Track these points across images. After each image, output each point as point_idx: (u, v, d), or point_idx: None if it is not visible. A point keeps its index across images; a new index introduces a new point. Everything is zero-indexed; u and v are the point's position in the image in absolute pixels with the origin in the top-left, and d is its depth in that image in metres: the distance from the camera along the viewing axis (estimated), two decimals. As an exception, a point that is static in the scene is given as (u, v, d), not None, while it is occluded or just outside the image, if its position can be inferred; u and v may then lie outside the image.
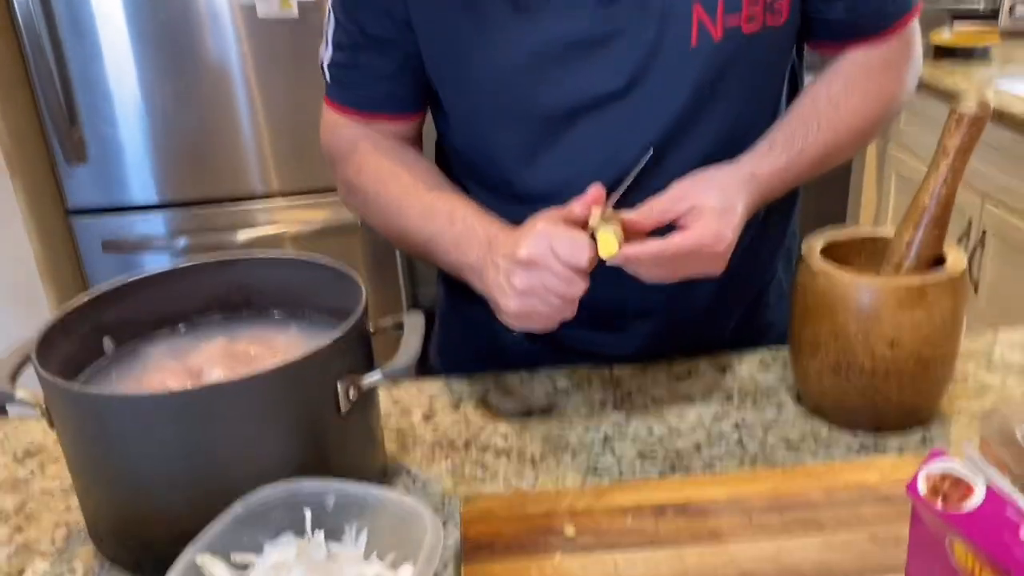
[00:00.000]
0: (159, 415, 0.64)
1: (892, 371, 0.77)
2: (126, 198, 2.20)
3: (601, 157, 0.86)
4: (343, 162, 0.95)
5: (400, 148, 0.94)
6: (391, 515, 0.63)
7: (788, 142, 0.85)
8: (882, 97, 0.90)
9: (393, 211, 0.90)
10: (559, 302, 0.75)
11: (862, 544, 0.63)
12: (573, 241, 0.73)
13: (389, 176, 0.90)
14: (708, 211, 0.76)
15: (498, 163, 0.90)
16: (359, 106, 0.93)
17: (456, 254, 0.85)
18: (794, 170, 0.85)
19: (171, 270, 0.82)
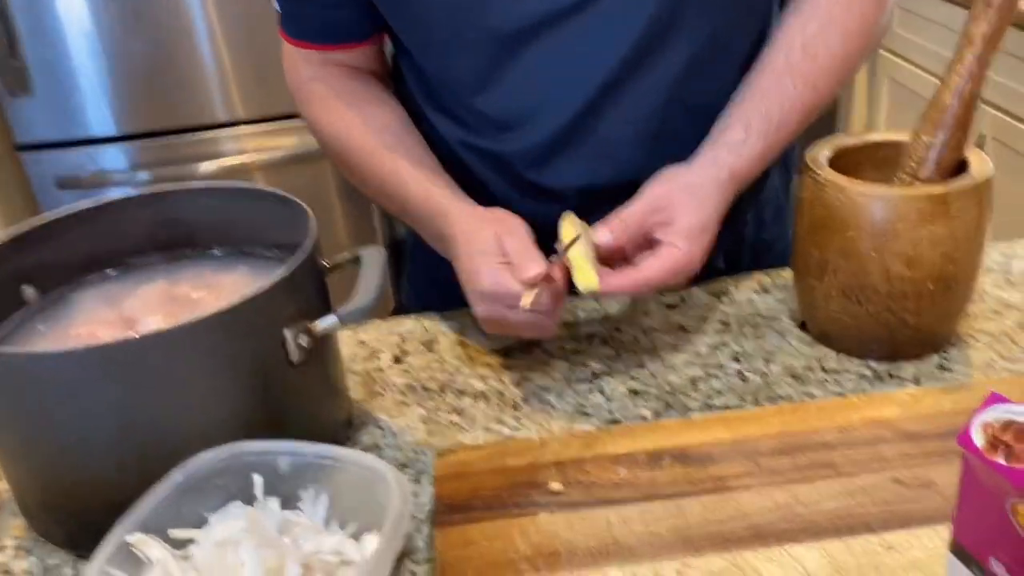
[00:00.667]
0: (84, 373, 0.56)
1: (909, 292, 0.70)
2: (81, 131, 2.08)
3: (560, 81, 0.77)
4: (305, 105, 0.88)
5: (356, 90, 0.86)
6: (353, 477, 0.55)
7: (763, 122, 0.75)
8: (864, 29, 0.79)
9: (355, 177, 0.86)
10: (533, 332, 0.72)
11: (885, 489, 0.56)
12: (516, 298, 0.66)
13: (346, 134, 0.83)
14: (683, 232, 0.69)
15: (453, 89, 0.82)
16: (311, 38, 0.86)
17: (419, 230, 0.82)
18: (774, 149, 0.77)
19: (98, 206, 0.72)
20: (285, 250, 0.72)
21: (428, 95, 0.85)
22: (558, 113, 0.77)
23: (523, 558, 0.53)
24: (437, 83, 0.83)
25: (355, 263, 0.68)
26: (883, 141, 0.78)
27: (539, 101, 0.73)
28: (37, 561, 0.62)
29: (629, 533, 0.54)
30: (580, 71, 0.76)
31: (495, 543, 0.54)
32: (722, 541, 0.53)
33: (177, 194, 0.74)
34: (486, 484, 0.59)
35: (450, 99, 0.82)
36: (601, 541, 0.54)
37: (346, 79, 0.85)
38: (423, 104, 0.85)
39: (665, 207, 0.70)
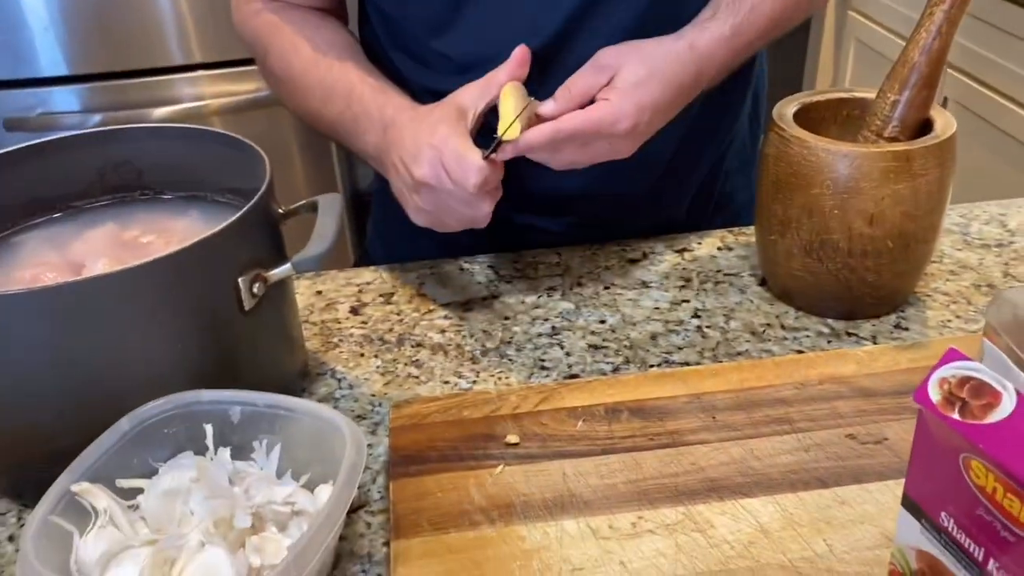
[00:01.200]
0: (25, 317, 0.53)
1: (870, 250, 0.70)
2: (31, 70, 2.00)
3: (520, 22, 0.75)
4: (252, 42, 0.85)
5: (307, 19, 0.82)
6: (306, 428, 0.54)
7: (733, 4, 0.72)
8: None
9: (299, 93, 0.80)
10: (465, 219, 0.68)
11: (838, 444, 0.56)
12: (463, 165, 0.64)
13: (291, 52, 0.80)
14: (619, 86, 0.66)
15: (414, 32, 0.80)
16: None
17: (355, 139, 0.77)
18: (743, 36, 0.73)
19: (43, 143, 0.69)
20: (239, 195, 0.70)
21: (391, 38, 0.82)
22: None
23: (478, 509, 0.53)
24: (399, 26, 0.81)
25: (311, 209, 0.66)
26: (849, 98, 0.77)
27: (498, 43, 0.71)
28: (-20, 510, 0.61)
29: (585, 486, 0.54)
30: (539, 11, 0.74)
31: (450, 494, 0.54)
32: (677, 494, 0.53)
33: (127, 133, 0.71)
34: (442, 436, 0.58)
35: (412, 42, 0.80)
36: (557, 493, 0.54)
37: (295, 11, 0.83)
38: (387, 47, 0.83)
39: (609, 66, 0.68)
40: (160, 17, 1.99)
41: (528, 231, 0.88)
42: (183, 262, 0.55)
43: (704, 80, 0.73)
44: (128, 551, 0.47)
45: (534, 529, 0.51)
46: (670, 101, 0.70)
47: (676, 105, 0.71)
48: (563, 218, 0.87)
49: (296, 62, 0.79)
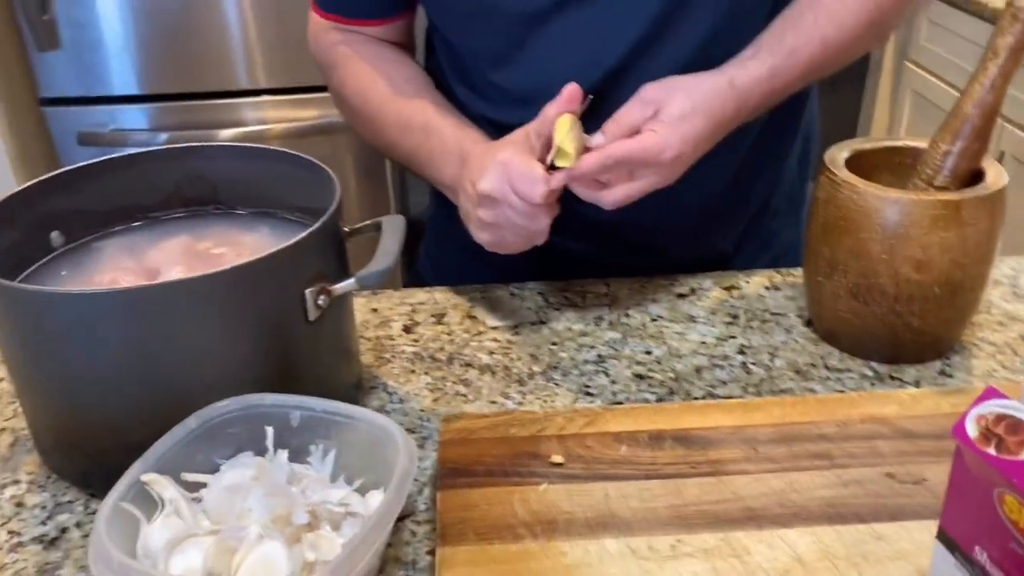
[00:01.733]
0: (104, 315, 0.57)
1: (917, 296, 0.71)
2: (104, 88, 2.09)
3: (578, 59, 0.78)
4: (329, 71, 0.90)
5: (381, 55, 0.87)
6: (362, 435, 0.57)
7: (776, 43, 0.75)
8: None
9: (375, 125, 0.86)
10: (527, 232, 0.72)
11: (877, 482, 0.57)
12: (528, 177, 0.68)
13: (369, 87, 0.85)
14: (665, 119, 0.70)
15: (476, 63, 0.84)
16: (340, 11, 0.88)
17: (432, 171, 0.82)
18: (781, 77, 0.75)
19: (126, 156, 0.74)
20: (306, 214, 0.73)
21: (455, 69, 0.86)
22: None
23: (522, 523, 0.55)
24: (462, 57, 0.85)
25: (376, 229, 0.69)
26: (901, 147, 0.79)
27: (557, 77, 0.74)
28: (50, 497, 0.64)
29: (626, 507, 0.56)
30: (597, 49, 0.77)
31: (495, 508, 0.56)
32: (716, 521, 0.54)
33: (205, 151, 0.75)
34: (489, 452, 0.60)
35: (474, 73, 0.84)
36: (599, 513, 0.55)
37: (372, 45, 0.87)
38: (450, 77, 0.87)
39: (654, 100, 0.70)
40: (229, 43, 2.07)
41: (576, 258, 0.90)
42: (256, 272, 0.59)
43: (742, 115, 0.75)
44: (192, 539, 0.50)
45: (575, 546, 0.53)
46: (711, 134, 0.73)
47: (715, 137, 0.74)
48: (612, 246, 0.89)
49: (373, 96, 0.84)
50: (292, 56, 2.07)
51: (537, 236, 0.72)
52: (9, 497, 0.64)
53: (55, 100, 2.09)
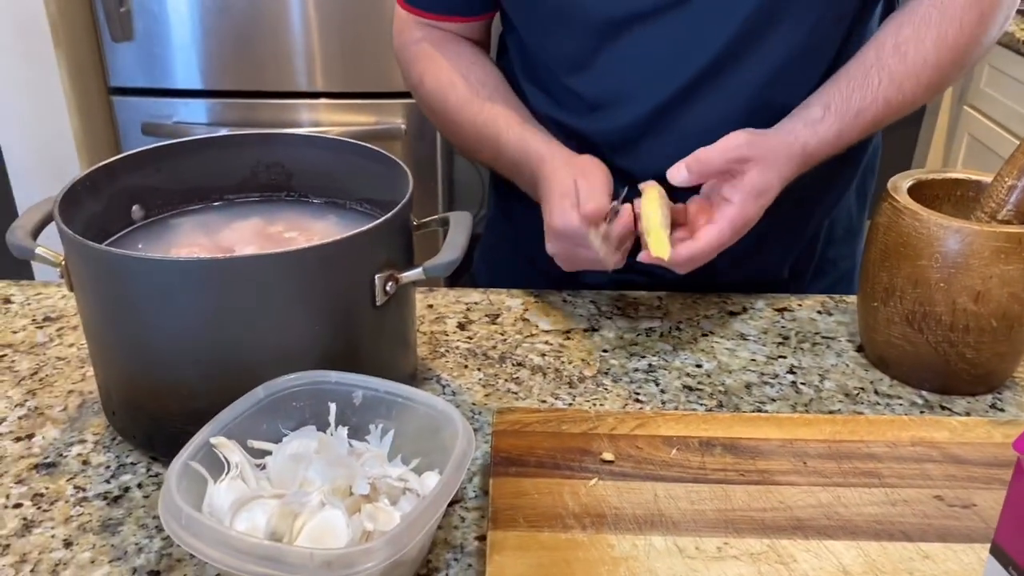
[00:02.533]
0: (183, 283, 0.60)
1: (972, 327, 0.71)
2: (169, 81, 2.15)
3: (656, 69, 0.81)
4: (408, 65, 0.93)
5: (461, 52, 0.90)
6: (420, 418, 0.59)
7: (843, 105, 0.77)
8: (960, 42, 0.79)
9: (452, 125, 0.89)
10: (593, 261, 0.75)
11: (926, 503, 0.57)
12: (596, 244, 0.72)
13: (448, 87, 0.88)
14: (747, 189, 0.72)
15: (551, 67, 0.86)
16: (426, 7, 0.91)
17: (512, 175, 0.86)
18: (848, 136, 0.78)
19: (209, 138, 0.77)
20: (374, 205, 0.76)
21: (527, 71, 0.89)
22: (646, 101, 0.80)
23: (571, 515, 0.56)
24: (537, 60, 0.87)
25: (442, 224, 0.71)
26: (964, 179, 0.79)
27: (630, 87, 0.76)
28: (114, 457, 0.67)
29: (675, 508, 0.57)
30: (673, 63, 0.79)
31: (546, 497, 0.57)
32: (763, 528, 0.55)
33: (283, 138, 0.78)
34: (542, 444, 0.62)
35: (547, 76, 0.86)
36: (647, 511, 0.56)
37: (452, 43, 0.90)
38: (522, 80, 0.89)
39: (739, 161, 0.72)
40: (292, 46, 2.12)
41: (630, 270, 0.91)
42: (331, 254, 0.61)
43: (804, 171, 0.78)
44: (257, 500, 0.52)
45: (623, 540, 0.54)
46: (777, 194, 0.75)
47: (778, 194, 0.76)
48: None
49: (452, 97, 0.87)
50: (351, 62, 2.12)
51: (607, 265, 0.75)
52: (76, 455, 0.67)
53: (123, 90, 2.15)
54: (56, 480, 0.64)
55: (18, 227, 0.66)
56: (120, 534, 0.60)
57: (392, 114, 2.15)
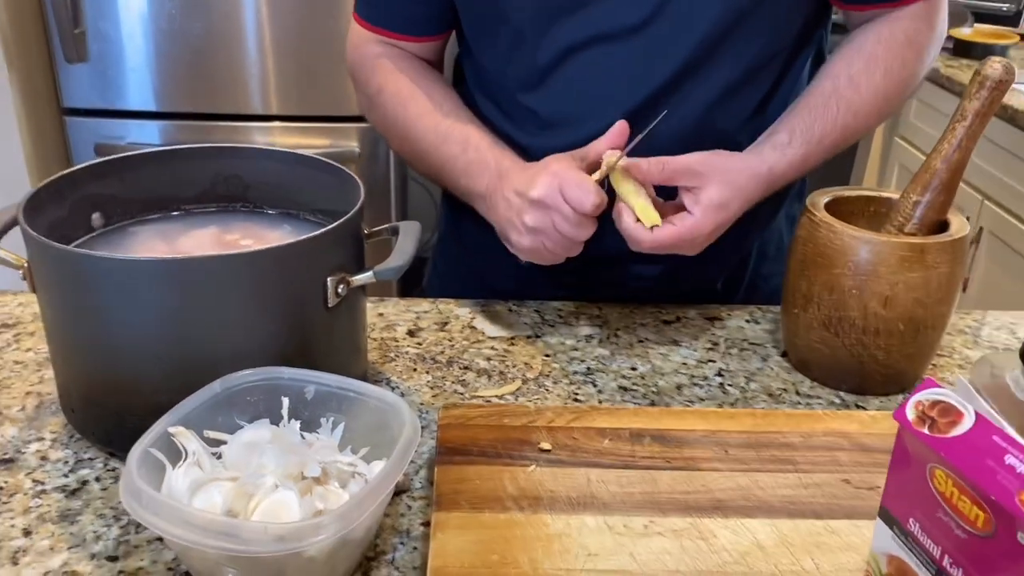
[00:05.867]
0: (143, 281, 0.63)
1: (882, 330, 0.77)
2: (122, 102, 2.16)
3: (613, 90, 0.85)
4: (365, 78, 0.95)
5: (420, 70, 0.94)
6: (370, 411, 0.62)
7: (807, 131, 0.84)
8: (904, 76, 0.87)
9: (410, 134, 0.91)
10: (567, 241, 0.78)
11: (834, 486, 0.63)
12: (582, 187, 0.75)
13: (408, 98, 0.91)
14: (704, 202, 0.77)
15: (513, 87, 0.90)
16: (385, 25, 0.94)
17: (466, 180, 0.87)
18: (811, 160, 0.85)
19: (171, 150, 0.81)
20: (327, 215, 0.80)
21: (482, 88, 0.93)
22: (598, 120, 0.85)
23: (510, 497, 0.60)
24: (492, 79, 0.91)
25: (392, 233, 0.75)
26: (876, 196, 0.86)
27: (583, 106, 0.81)
28: (72, 453, 0.69)
29: (606, 491, 0.61)
30: (626, 85, 0.84)
31: (487, 483, 0.61)
32: (686, 508, 0.60)
33: (241, 151, 0.82)
34: (484, 436, 0.66)
35: (503, 95, 0.91)
36: (580, 494, 0.61)
37: (411, 61, 0.94)
38: (476, 96, 0.93)
39: (700, 175, 0.78)
40: (246, 69, 2.14)
41: (575, 286, 0.96)
42: (286, 256, 0.65)
43: (768, 194, 0.84)
44: (214, 483, 0.55)
45: (558, 519, 0.58)
46: (739, 213, 0.81)
47: (741, 213, 0.81)
48: (610, 274, 0.96)
49: (412, 107, 0.90)
50: (306, 85, 2.15)
51: (575, 246, 0.78)
52: (34, 451, 0.69)
53: (76, 111, 2.16)
54: (15, 475, 0.67)
55: (-21, 231, 0.68)
56: (79, 523, 0.62)
57: (346, 137, 2.19)
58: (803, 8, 0.87)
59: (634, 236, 0.77)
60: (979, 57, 2.31)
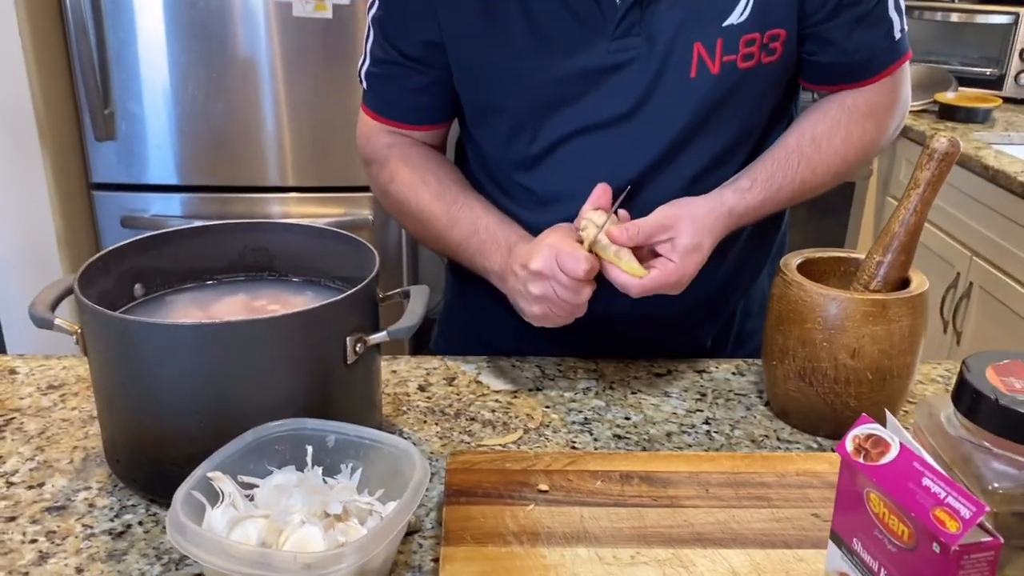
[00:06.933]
0: (183, 344, 0.71)
1: (852, 379, 0.84)
2: (146, 177, 2.27)
3: (604, 172, 0.94)
4: (378, 168, 1.04)
5: (428, 157, 1.03)
6: (385, 457, 0.70)
7: (768, 181, 0.93)
8: (863, 141, 0.97)
9: (423, 219, 1.00)
10: (570, 305, 0.86)
11: (804, 520, 0.69)
12: (573, 256, 0.84)
13: (420, 185, 0.99)
14: (680, 249, 0.86)
15: (510, 168, 0.99)
16: (392, 116, 1.03)
17: (481, 259, 0.95)
18: (768, 206, 0.94)
19: (204, 226, 0.90)
20: (345, 282, 0.88)
21: (484, 170, 1.02)
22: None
23: (511, 533, 0.67)
24: (493, 161, 1.00)
25: (404, 297, 0.84)
26: (846, 257, 0.94)
27: (576, 186, 0.90)
28: (116, 500, 0.76)
29: (597, 526, 0.68)
30: (615, 167, 0.93)
31: (490, 520, 0.68)
32: (669, 540, 0.67)
33: (266, 226, 0.91)
34: (488, 479, 0.73)
35: (501, 175, 1.00)
36: (574, 529, 0.68)
37: (418, 148, 1.03)
38: (479, 177, 1.02)
39: (671, 228, 0.86)
40: (264, 144, 2.26)
41: (575, 342, 1.04)
42: (308, 319, 0.73)
43: (731, 232, 0.92)
44: (249, 519, 0.62)
45: (553, 552, 0.65)
46: (711, 249, 0.89)
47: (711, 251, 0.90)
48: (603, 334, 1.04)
49: (423, 193, 0.98)
50: (319, 159, 2.27)
51: (578, 309, 0.86)
52: (83, 499, 0.77)
53: (103, 185, 2.28)
54: (67, 520, 0.74)
55: (38, 302, 0.77)
56: (125, 562, 0.69)
57: (359, 206, 2.29)
58: (776, 92, 0.96)
59: (625, 285, 0.85)
60: (963, 120, 2.42)
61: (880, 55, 0.95)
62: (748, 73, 0.90)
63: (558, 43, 0.90)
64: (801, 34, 0.91)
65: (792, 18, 0.90)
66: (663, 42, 0.89)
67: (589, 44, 0.90)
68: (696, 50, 0.89)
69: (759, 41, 0.89)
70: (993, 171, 2.02)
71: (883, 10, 0.92)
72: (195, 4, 2.10)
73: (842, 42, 0.92)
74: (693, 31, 0.88)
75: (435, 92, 0.99)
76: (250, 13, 2.12)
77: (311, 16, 2.12)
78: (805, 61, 0.95)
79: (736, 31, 0.88)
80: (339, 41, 2.15)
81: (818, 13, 0.90)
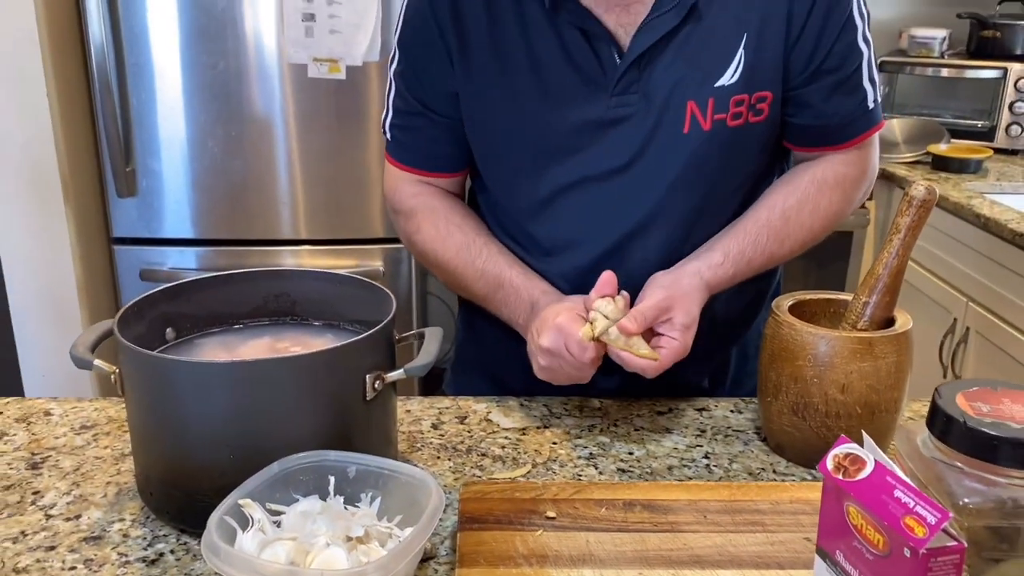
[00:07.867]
0: (215, 381, 0.77)
1: (842, 413, 0.89)
2: (163, 231, 2.35)
3: (602, 221, 1.01)
4: (404, 219, 1.11)
5: (452, 208, 1.09)
6: (403, 486, 0.75)
7: (739, 255, 1.00)
8: (829, 212, 1.04)
9: (449, 271, 1.07)
10: (575, 375, 0.93)
11: (797, 543, 0.74)
12: (581, 345, 0.90)
13: (446, 238, 1.06)
14: (678, 327, 0.92)
15: (516, 218, 1.06)
16: (415, 164, 1.10)
17: (507, 312, 1.03)
18: (739, 277, 1.01)
19: (230, 274, 0.96)
20: (363, 325, 0.94)
21: (494, 218, 1.09)
22: (594, 246, 1.00)
23: (521, 556, 0.71)
24: (502, 209, 1.07)
25: (419, 338, 0.89)
26: (835, 299, 0.99)
27: (578, 234, 0.96)
28: (149, 531, 0.81)
29: (602, 550, 0.72)
30: (614, 217, 1.00)
31: (501, 544, 0.73)
32: (670, 562, 0.71)
33: (288, 273, 0.97)
34: (499, 507, 0.78)
35: (509, 222, 1.06)
36: (580, 552, 0.72)
37: (440, 197, 1.10)
38: (491, 225, 1.09)
39: (668, 309, 0.92)
40: (278, 199, 2.33)
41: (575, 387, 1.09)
42: (330, 358, 0.78)
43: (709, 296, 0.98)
44: (278, 542, 0.67)
45: (561, 573, 0.70)
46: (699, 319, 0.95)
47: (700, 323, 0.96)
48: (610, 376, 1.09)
49: (450, 244, 1.05)
50: (332, 212, 2.34)
51: (582, 379, 0.94)
52: (117, 530, 0.81)
53: (122, 240, 2.35)
54: (103, 548, 0.79)
55: (79, 343, 0.83)
56: (158, 586, 0.74)
57: (371, 257, 2.36)
58: (764, 149, 1.03)
59: (643, 368, 0.91)
60: (956, 171, 2.49)
61: (855, 120, 1.02)
62: (737, 131, 0.97)
63: (562, 96, 0.97)
64: (784, 96, 0.98)
65: (778, 82, 0.97)
66: (659, 99, 0.96)
67: (591, 98, 0.97)
68: (689, 108, 0.96)
69: (747, 102, 0.96)
70: (985, 219, 2.08)
71: (858, 79, 0.99)
72: (215, 66, 2.20)
73: (819, 106, 0.99)
74: (687, 90, 0.95)
75: (453, 141, 1.06)
76: (266, 75, 2.22)
77: (325, 77, 2.22)
78: (786, 122, 1.01)
79: (727, 92, 0.95)
80: (351, 101, 2.24)
81: (799, 78, 0.97)
